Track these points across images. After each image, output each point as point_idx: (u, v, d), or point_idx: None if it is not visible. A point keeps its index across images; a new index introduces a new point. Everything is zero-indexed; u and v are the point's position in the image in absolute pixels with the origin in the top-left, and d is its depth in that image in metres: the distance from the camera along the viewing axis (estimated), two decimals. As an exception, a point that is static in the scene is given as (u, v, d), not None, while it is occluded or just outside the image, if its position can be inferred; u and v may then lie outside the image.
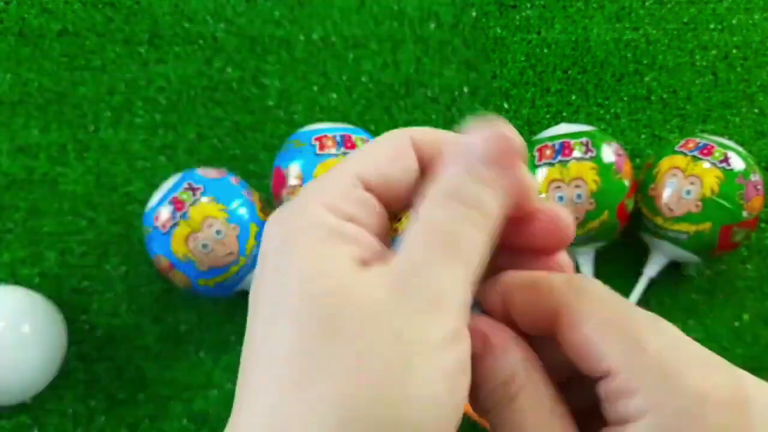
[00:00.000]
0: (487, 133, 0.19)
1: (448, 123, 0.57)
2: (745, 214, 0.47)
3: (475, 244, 0.18)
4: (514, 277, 0.21)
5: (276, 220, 0.19)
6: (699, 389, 0.17)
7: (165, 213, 0.46)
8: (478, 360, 0.20)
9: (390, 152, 0.20)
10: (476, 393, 0.20)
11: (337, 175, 0.20)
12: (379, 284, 0.17)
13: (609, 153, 0.48)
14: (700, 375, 0.17)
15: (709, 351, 0.18)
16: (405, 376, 0.16)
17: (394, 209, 0.21)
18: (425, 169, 0.21)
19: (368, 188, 0.19)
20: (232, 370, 0.51)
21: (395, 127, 0.58)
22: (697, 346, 0.18)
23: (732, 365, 0.18)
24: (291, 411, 0.16)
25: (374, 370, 0.16)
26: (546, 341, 0.20)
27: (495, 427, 0.20)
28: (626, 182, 0.48)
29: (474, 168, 0.19)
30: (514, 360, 0.19)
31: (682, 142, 0.50)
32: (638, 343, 0.18)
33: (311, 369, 0.16)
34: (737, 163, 0.47)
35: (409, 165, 0.20)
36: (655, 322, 0.19)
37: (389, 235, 0.21)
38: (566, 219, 0.21)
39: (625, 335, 0.18)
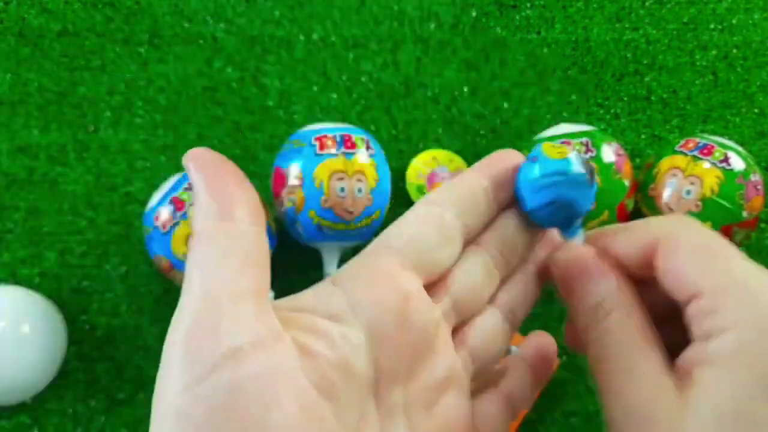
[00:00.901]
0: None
1: (449, 123, 0.57)
2: (745, 214, 0.47)
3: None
4: (614, 227, 0.23)
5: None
6: None
7: (165, 213, 0.46)
8: (576, 284, 0.22)
9: None
10: (574, 314, 0.22)
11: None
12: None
13: (609, 153, 0.48)
14: None
15: None
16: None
17: None
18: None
19: None
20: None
21: (395, 127, 0.58)
22: None
23: None
24: None
25: None
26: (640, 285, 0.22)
27: (588, 345, 0.21)
28: (626, 182, 0.48)
29: None
30: (607, 285, 0.21)
31: (682, 142, 0.50)
32: (726, 267, 0.19)
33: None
34: (737, 163, 0.47)
35: None
36: (744, 255, 0.20)
37: None
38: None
39: (715, 261, 0.20)
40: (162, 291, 0.53)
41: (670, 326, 0.21)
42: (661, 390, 0.19)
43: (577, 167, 0.22)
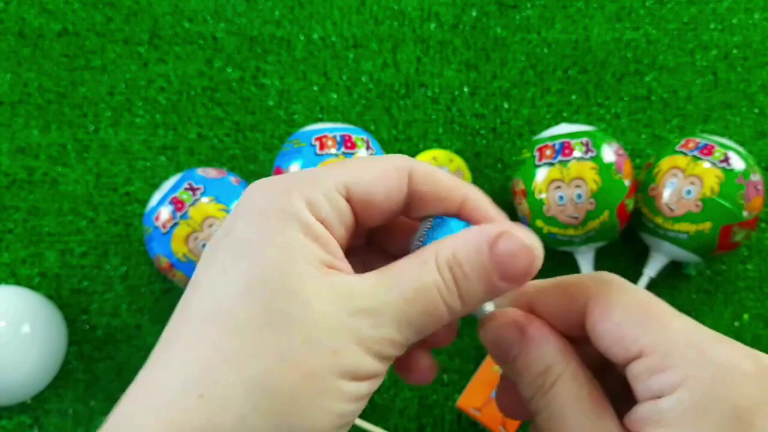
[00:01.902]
0: (527, 242, 0.19)
1: (448, 123, 0.58)
2: (745, 214, 0.47)
3: (438, 321, 0.19)
4: (538, 284, 0.22)
5: (257, 192, 0.20)
6: (727, 361, 0.18)
7: (165, 213, 0.46)
8: (517, 351, 0.21)
9: (384, 174, 0.21)
10: (518, 382, 0.21)
11: (327, 175, 0.20)
12: (336, 301, 0.18)
13: (609, 153, 0.48)
14: (724, 350, 0.18)
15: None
16: (314, 392, 0.18)
17: (365, 223, 0.21)
18: (412, 202, 0.21)
19: (349, 198, 0.20)
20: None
21: (395, 127, 0.58)
22: (713, 330, 0.19)
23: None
24: (219, 378, 0.17)
25: (297, 373, 0.17)
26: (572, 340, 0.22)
27: (537, 413, 0.21)
28: (626, 182, 0.48)
29: (486, 264, 0.19)
30: (551, 350, 0.21)
31: (683, 142, 0.50)
32: (665, 324, 0.19)
33: (248, 348, 0.17)
34: (737, 163, 0.47)
35: (397, 193, 0.21)
36: (674, 310, 0.20)
37: (346, 246, 0.22)
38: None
39: (653, 319, 0.19)
40: (162, 291, 0.53)
41: (600, 379, 0.21)
42: None
43: None
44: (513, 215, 0.52)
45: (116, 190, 0.55)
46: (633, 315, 0.19)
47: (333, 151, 0.47)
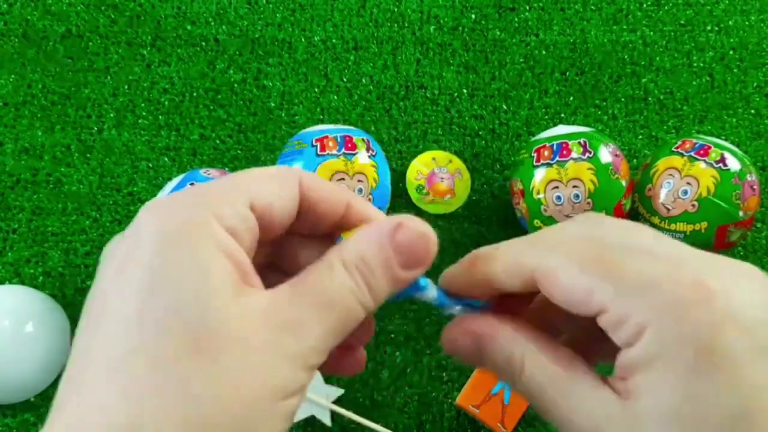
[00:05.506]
0: (421, 230, 0.20)
1: (447, 124, 0.58)
2: (741, 214, 0.47)
3: (355, 321, 0.20)
4: (484, 252, 0.23)
5: (157, 211, 0.19)
6: (680, 297, 0.18)
7: (168, 213, 0.46)
8: (477, 354, 0.22)
9: (279, 185, 0.21)
10: (496, 375, 0.22)
11: (228, 187, 0.20)
12: (254, 319, 0.18)
13: (606, 154, 0.48)
14: (677, 285, 0.18)
15: (681, 245, 0.20)
16: (256, 420, 0.18)
17: (263, 236, 0.21)
18: (303, 210, 0.22)
19: (252, 209, 0.20)
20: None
21: (395, 128, 0.59)
22: (667, 244, 0.20)
23: (704, 256, 0.19)
24: (150, 418, 0.16)
25: (235, 402, 0.17)
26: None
27: (522, 395, 0.22)
28: (623, 182, 0.48)
29: (390, 257, 0.20)
30: (505, 340, 0.22)
31: (679, 142, 0.50)
32: (617, 273, 0.19)
33: (174, 379, 0.17)
34: (733, 164, 0.48)
35: (291, 202, 0.21)
36: (623, 240, 0.20)
37: (254, 257, 0.21)
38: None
39: (601, 272, 0.19)
40: (165, 290, 0.53)
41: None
42: (600, 404, 0.19)
43: None
44: (512, 214, 0.53)
45: (120, 191, 0.55)
46: (579, 275, 0.20)
47: (334, 152, 0.48)
